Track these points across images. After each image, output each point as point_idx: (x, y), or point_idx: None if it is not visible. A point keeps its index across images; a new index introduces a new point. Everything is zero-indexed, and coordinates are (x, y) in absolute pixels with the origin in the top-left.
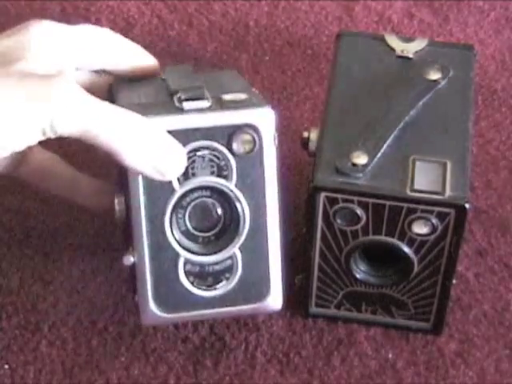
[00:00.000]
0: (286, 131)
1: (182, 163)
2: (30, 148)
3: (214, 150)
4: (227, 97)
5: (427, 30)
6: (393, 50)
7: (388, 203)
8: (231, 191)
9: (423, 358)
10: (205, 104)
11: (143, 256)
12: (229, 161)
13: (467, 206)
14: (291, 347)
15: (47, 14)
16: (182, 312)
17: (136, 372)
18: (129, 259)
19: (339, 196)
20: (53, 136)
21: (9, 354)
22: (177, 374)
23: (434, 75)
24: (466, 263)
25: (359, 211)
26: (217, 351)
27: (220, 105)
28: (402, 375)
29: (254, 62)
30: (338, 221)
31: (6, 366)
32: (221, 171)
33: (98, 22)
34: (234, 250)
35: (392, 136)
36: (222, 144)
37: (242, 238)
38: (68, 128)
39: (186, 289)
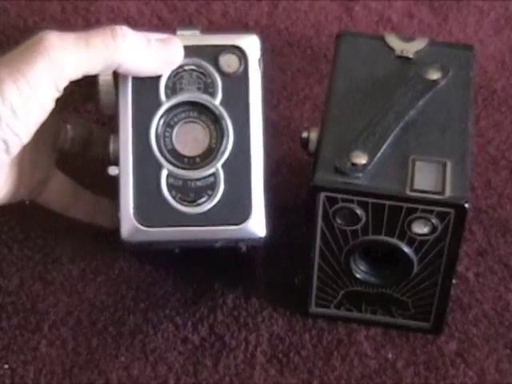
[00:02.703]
0: (286, 131)
1: (180, 47)
2: (51, 173)
3: (201, 67)
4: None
5: (427, 30)
6: (393, 50)
7: (388, 203)
8: (216, 108)
9: (423, 358)
10: (196, 33)
11: (127, 166)
12: (215, 79)
13: (467, 205)
14: (291, 347)
15: (47, 14)
16: (162, 227)
17: (136, 372)
18: (114, 170)
19: (339, 196)
20: (64, 82)
21: (9, 354)
22: (177, 373)
23: (434, 75)
24: (466, 263)
25: (359, 211)
26: (217, 351)
27: (210, 33)
28: (402, 375)
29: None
30: (338, 221)
31: (6, 366)
32: (207, 88)
33: (97, 22)
34: (217, 166)
35: (392, 136)
36: (209, 62)
37: (225, 155)
38: (72, 65)
39: (168, 203)
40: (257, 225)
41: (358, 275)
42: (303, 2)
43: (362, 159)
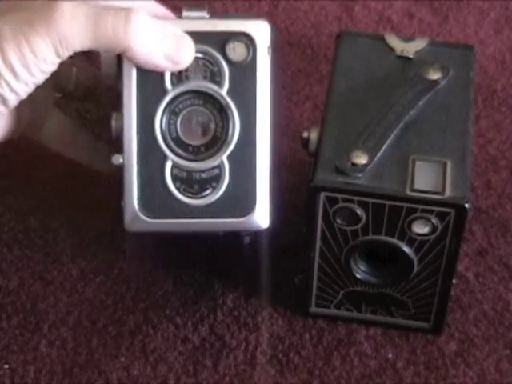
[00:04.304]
0: (286, 131)
1: (192, 50)
2: (50, 110)
3: (208, 54)
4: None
5: (427, 30)
6: (393, 49)
7: (388, 203)
8: (222, 98)
9: (423, 358)
10: (203, 14)
11: (131, 156)
12: (222, 67)
13: (467, 205)
14: (291, 347)
15: None
16: (166, 218)
17: (136, 372)
18: (118, 159)
19: (339, 196)
20: (66, 53)
21: (9, 354)
22: (177, 373)
23: (434, 75)
24: (466, 263)
25: (359, 211)
26: (217, 351)
27: (218, 16)
28: (402, 375)
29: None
30: (338, 221)
31: (6, 366)
32: (213, 77)
33: None
34: (222, 158)
35: (392, 136)
36: (216, 50)
37: (231, 147)
38: (78, 39)
39: (172, 194)
40: (261, 217)
41: (358, 275)
42: (303, 2)
43: (362, 159)
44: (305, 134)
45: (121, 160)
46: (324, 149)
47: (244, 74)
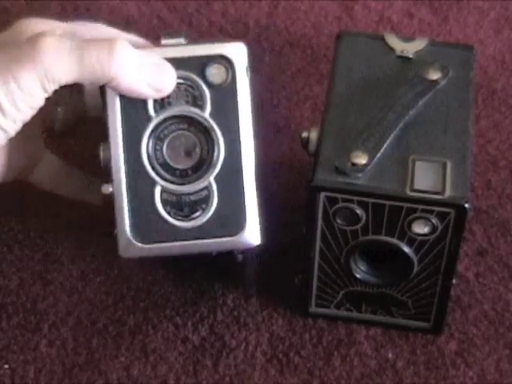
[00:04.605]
0: (286, 131)
1: (173, 77)
2: (41, 154)
3: (189, 79)
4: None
5: (427, 30)
6: (393, 49)
7: (388, 203)
8: (206, 121)
9: (423, 358)
10: (181, 41)
11: (121, 184)
12: (203, 91)
13: (467, 205)
14: (291, 347)
15: (47, 14)
16: (159, 243)
17: (136, 372)
18: (107, 188)
19: (339, 196)
20: (53, 87)
21: (9, 354)
22: (177, 373)
23: (434, 75)
24: (466, 263)
25: (359, 211)
26: (217, 351)
27: (195, 41)
28: (402, 375)
29: (254, 61)
30: (338, 221)
31: (6, 366)
32: (195, 101)
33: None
34: (210, 179)
35: (392, 136)
36: (196, 74)
37: (217, 168)
38: (63, 72)
39: (163, 218)
40: (252, 234)
41: (358, 275)
42: (303, 2)
43: (362, 159)
44: (305, 134)
45: (110, 189)
46: (324, 149)
47: (225, 95)
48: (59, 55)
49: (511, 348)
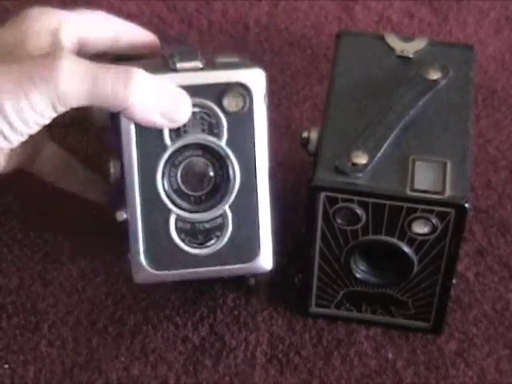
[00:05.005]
0: (286, 131)
1: (189, 108)
2: (44, 143)
3: (205, 107)
4: (220, 59)
5: (427, 30)
6: (393, 49)
7: (388, 203)
8: (222, 149)
9: (423, 358)
10: (197, 64)
11: (135, 212)
12: (220, 119)
13: (467, 205)
14: (291, 347)
15: None
16: (173, 269)
17: (136, 372)
18: (122, 215)
19: (339, 196)
20: (63, 109)
21: (9, 354)
22: (177, 373)
23: (434, 75)
24: (466, 263)
25: (359, 211)
26: (217, 351)
27: (212, 65)
28: (402, 375)
29: (253, 61)
30: (338, 221)
31: (6, 366)
32: (212, 129)
33: None
34: (225, 208)
35: (392, 136)
36: (213, 102)
37: (233, 196)
38: (76, 97)
39: (177, 246)
40: (265, 260)
41: (358, 275)
42: (303, 2)
43: (362, 159)
44: (305, 134)
45: (124, 216)
46: (324, 149)
47: (242, 123)
48: (74, 81)
49: (511, 348)
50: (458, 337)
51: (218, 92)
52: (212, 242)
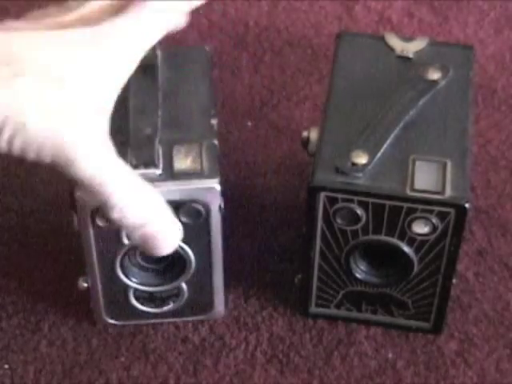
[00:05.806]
0: (285, 131)
1: (177, 238)
2: None
3: None
4: (178, 164)
5: (427, 30)
6: (393, 49)
7: (388, 203)
8: (179, 247)
9: (423, 358)
10: (156, 171)
11: (96, 285)
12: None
13: (467, 205)
14: (291, 347)
15: None
16: (133, 320)
17: (136, 372)
18: (82, 285)
19: (339, 196)
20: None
21: (9, 354)
22: (177, 373)
23: (434, 75)
24: (466, 263)
25: (359, 211)
26: (217, 351)
27: (170, 175)
28: (402, 375)
29: (253, 61)
30: (338, 220)
31: (6, 366)
32: None
33: None
34: (181, 284)
35: (392, 136)
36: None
37: (188, 276)
38: (82, 170)
39: (137, 307)
40: (218, 310)
41: (358, 275)
42: (303, 2)
43: (362, 159)
44: (305, 134)
45: (85, 285)
46: (324, 149)
47: (198, 230)
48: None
49: (511, 348)
50: (458, 337)
51: (174, 206)
52: (169, 305)
